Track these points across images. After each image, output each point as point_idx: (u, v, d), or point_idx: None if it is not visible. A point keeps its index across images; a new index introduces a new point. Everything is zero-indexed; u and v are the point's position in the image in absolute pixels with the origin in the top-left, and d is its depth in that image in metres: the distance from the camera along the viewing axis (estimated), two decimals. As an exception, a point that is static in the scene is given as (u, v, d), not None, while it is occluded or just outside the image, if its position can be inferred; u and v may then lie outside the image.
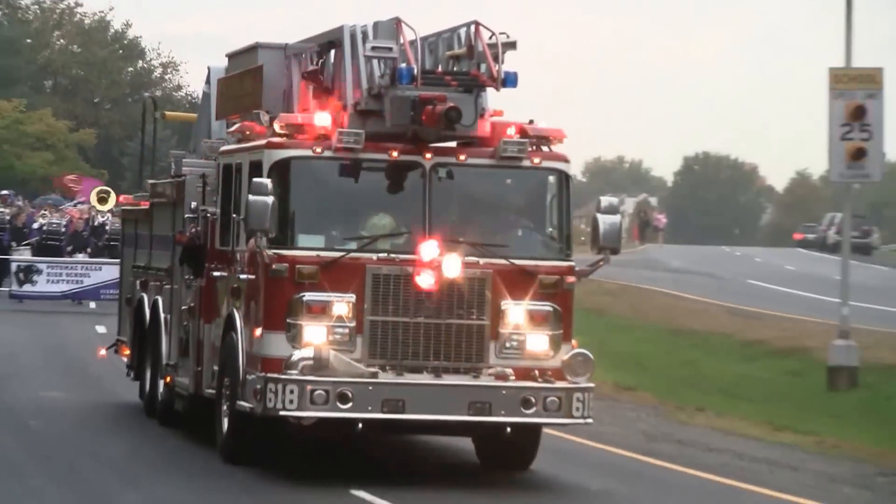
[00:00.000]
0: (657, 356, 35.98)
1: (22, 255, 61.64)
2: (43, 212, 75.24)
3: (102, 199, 70.54)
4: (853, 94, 33.70)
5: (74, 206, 74.04)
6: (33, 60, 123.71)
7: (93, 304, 58.43)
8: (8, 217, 68.31)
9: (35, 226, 68.89)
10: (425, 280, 21.98)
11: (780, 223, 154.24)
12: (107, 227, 66.94)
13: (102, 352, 35.78)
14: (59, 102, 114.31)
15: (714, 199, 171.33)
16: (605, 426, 26.99)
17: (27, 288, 58.59)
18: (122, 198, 43.30)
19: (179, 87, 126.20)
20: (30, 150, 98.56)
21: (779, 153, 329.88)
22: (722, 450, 26.94)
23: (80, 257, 62.65)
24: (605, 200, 24.12)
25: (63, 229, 67.36)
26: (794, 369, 37.19)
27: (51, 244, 64.42)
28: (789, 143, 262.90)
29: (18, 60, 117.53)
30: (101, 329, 47.73)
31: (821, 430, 29.51)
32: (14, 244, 63.40)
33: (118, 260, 49.62)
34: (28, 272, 59.11)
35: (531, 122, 23.46)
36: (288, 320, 21.98)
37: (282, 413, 21.51)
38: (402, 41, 22.63)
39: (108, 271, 57.20)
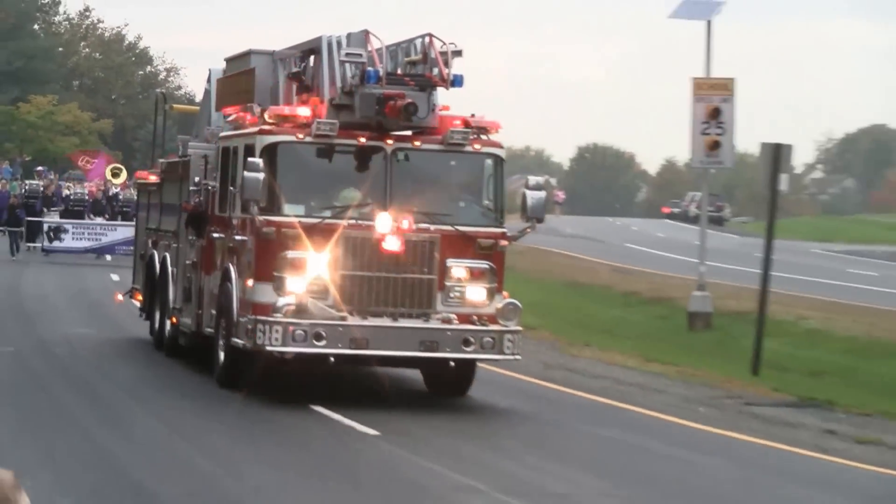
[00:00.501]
0: (555, 303, 36.12)
1: (52, 219, 61.46)
2: (68, 184, 75.88)
3: (115, 174, 71.98)
4: (711, 98, 33.70)
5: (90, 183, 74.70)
6: (64, 65, 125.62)
7: (108, 258, 57.89)
8: (41, 188, 69.04)
9: (63, 195, 69.55)
10: (386, 242, 22.04)
11: (653, 200, 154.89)
12: (119, 197, 68.12)
13: (119, 297, 35.63)
14: (84, 98, 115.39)
15: (601, 180, 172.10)
16: (513, 358, 26.76)
17: (56, 244, 58.38)
18: (138, 173, 41.83)
19: (179, 87, 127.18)
20: (60, 136, 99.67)
21: (652, 144, 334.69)
22: (604, 376, 26.99)
23: (99, 220, 62.66)
24: (533, 179, 24.61)
25: (85, 198, 68.24)
26: (661, 314, 37.20)
27: (76, 210, 65.35)
28: (660, 137, 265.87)
29: (52, 65, 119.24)
30: (115, 277, 47.31)
31: (682, 361, 29.59)
32: (45, 210, 63.53)
33: (131, 223, 50.70)
34: (57, 231, 58.98)
35: (473, 115, 23.55)
36: (274, 273, 22.13)
37: (268, 348, 21.73)
38: (369, 49, 22.91)
39: (122, 231, 57.29)
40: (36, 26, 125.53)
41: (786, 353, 29.33)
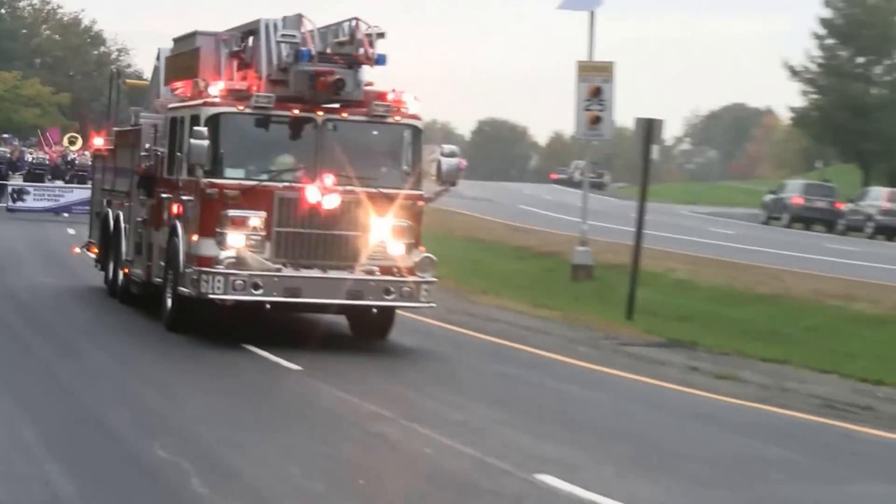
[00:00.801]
0: (457, 256, 36.11)
1: (16, 181, 61.14)
2: (31, 150, 75.51)
3: (72, 142, 71.15)
4: (593, 79, 33.71)
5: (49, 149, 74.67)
6: (27, 45, 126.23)
7: (66, 215, 56.93)
8: (7, 154, 68.28)
9: (27, 159, 68.91)
10: (316, 203, 22.08)
11: (542, 167, 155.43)
12: (76, 162, 66.96)
13: (77, 250, 35.09)
14: (45, 74, 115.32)
15: (498, 150, 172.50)
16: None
17: (19, 204, 57.94)
18: (94, 140, 40.10)
19: (129, 66, 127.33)
20: (23, 107, 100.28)
21: (543, 119, 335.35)
22: (499, 320, 27.05)
23: (58, 183, 62.14)
24: (447, 147, 24.25)
25: (46, 163, 67.50)
26: (549, 267, 37.13)
27: (37, 173, 64.35)
28: (550, 112, 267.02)
29: (16, 45, 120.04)
30: (71, 231, 46.59)
31: (566, 308, 29.58)
32: (11, 173, 63.12)
33: (86, 186, 50.54)
34: (20, 193, 58.71)
35: (394, 90, 23.43)
36: (217, 229, 21.97)
37: (210, 296, 21.62)
38: (303, 30, 22.72)
39: (78, 193, 56.94)
40: (3, 10, 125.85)
41: (656, 301, 29.49)
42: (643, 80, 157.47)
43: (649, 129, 28.64)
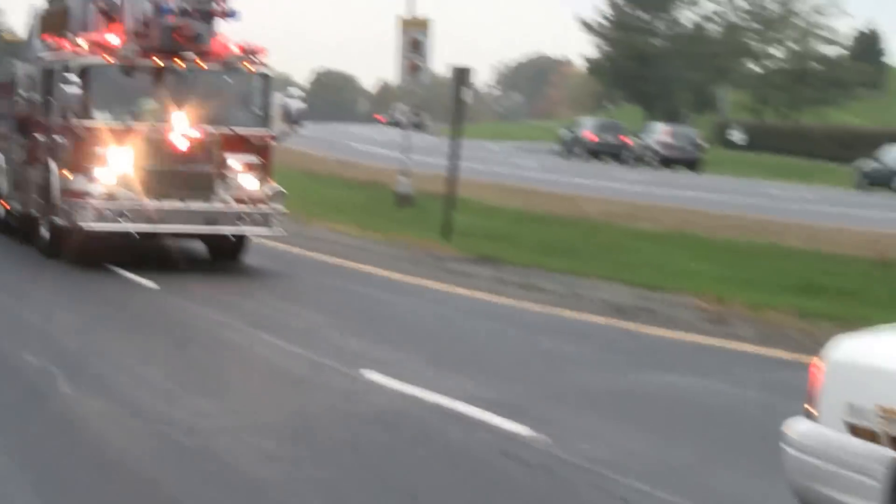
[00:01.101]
0: (295, 187, 36.00)
1: None
2: None
3: None
4: (412, 32, 34.22)
5: None
6: None
7: None
8: None
9: None
10: (176, 142, 22.02)
11: (370, 111, 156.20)
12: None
13: None
14: None
15: (331, 96, 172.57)
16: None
17: None
18: None
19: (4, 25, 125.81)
20: None
21: (371, 67, 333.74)
22: (333, 242, 27.17)
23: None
24: (294, 91, 24.58)
25: None
26: (376, 196, 37.15)
27: None
28: (377, 62, 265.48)
29: None
30: None
31: (390, 230, 29.50)
32: None
33: None
34: None
35: (246, 41, 23.45)
36: (87, 166, 21.87)
37: (81, 225, 21.56)
38: None
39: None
40: None
41: (469, 224, 29.68)
42: (459, 32, 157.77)
43: (461, 75, 29.05)
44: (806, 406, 7.38)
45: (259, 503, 9.68)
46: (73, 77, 21.67)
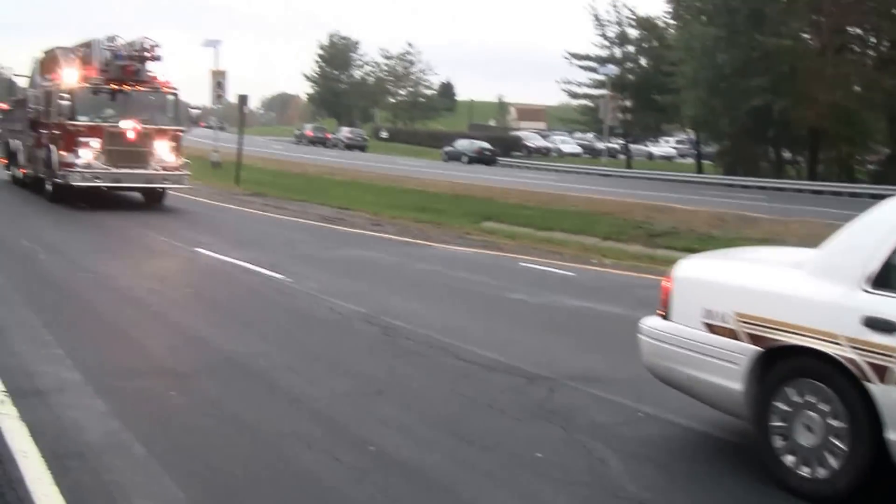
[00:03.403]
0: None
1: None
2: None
3: None
4: (218, 77, 44.58)
5: None
6: None
7: None
8: None
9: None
10: (127, 133, 25.46)
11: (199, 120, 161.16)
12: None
13: None
14: None
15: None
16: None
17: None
18: None
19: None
20: None
21: (196, 96, 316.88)
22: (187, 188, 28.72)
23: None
24: (193, 106, 28.00)
25: None
26: (200, 163, 40.34)
27: None
28: (199, 93, 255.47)
29: None
30: None
31: (209, 180, 36.96)
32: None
33: None
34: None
35: (162, 76, 26.98)
36: (74, 148, 25.06)
37: (73, 183, 24.94)
38: (117, 42, 26.36)
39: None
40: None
41: (249, 177, 38.97)
42: (241, 75, 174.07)
43: (243, 100, 39.94)
44: (658, 311, 7.77)
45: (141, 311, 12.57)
46: (66, 95, 25.50)
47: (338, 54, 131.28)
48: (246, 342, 10.88)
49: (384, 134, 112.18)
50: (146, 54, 26.10)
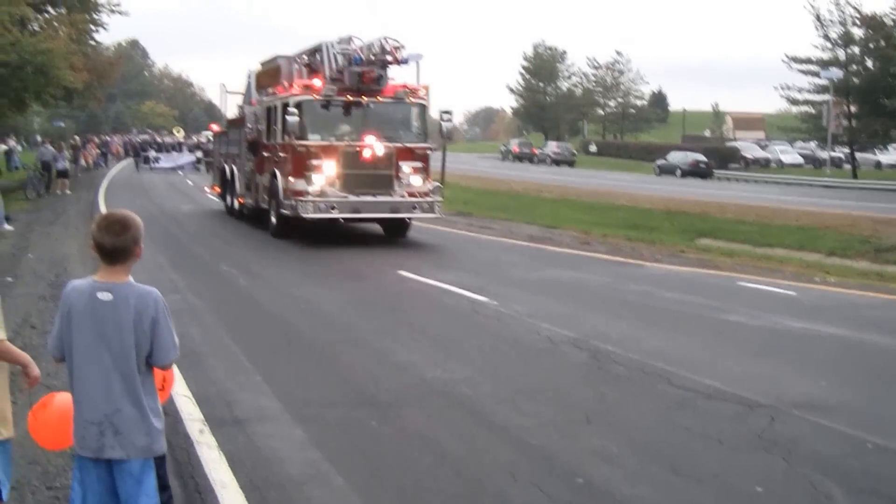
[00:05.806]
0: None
1: (150, 153, 70.06)
2: (159, 136, 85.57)
3: (178, 131, 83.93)
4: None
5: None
6: (158, 87, 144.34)
7: (180, 172, 62.43)
8: (150, 139, 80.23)
9: (158, 140, 79.98)
10: (366, 154, 23.21)
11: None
12: (181, 141, 77.38)
13: (206, 189, 37.83)
14: (164, 100, 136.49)
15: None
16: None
17: (154, 165, 65.80)
18: (211, 126, 42.28)
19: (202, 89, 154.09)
20: (156, 117, 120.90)
21: None
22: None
23: (175, 154, 69.83)
24: (446, 115, 24.55)
25: (168, 141, 78.84)
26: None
27: (165, 148, 75.64)
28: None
29: (153, 88, 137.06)
30: (189, 182, 51.97)
31: None
32: (149, 148, 72.20)
33: (193, 153, 66.59)
34: (156, 158, 66.90)
35: (408, 83, 24.37)
36: (304, 173, 22.87)
37: (303, 215, 22.56)
38: (352, 45, 23.94)
39: (186, 157, 66.88)
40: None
41: (449, 196, 32.03)
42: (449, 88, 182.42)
43: (446, 115, 25.98)
44: None
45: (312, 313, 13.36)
46: (294, 109, 22.87)
47: (543, 65, 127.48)
48: (449, 368, 10.87)
49: (593, 148, 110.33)
50: (388, 58, 23.02)
